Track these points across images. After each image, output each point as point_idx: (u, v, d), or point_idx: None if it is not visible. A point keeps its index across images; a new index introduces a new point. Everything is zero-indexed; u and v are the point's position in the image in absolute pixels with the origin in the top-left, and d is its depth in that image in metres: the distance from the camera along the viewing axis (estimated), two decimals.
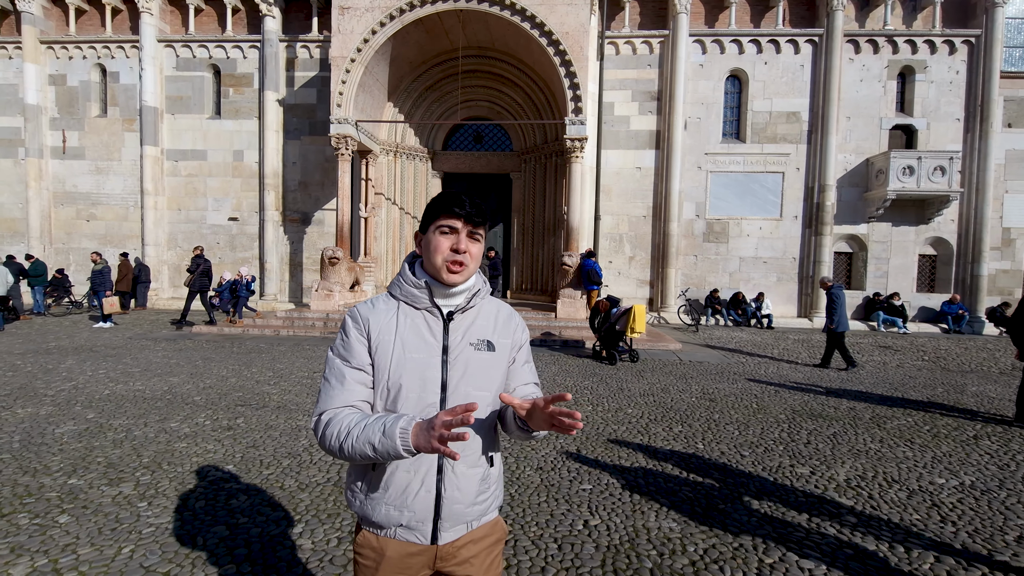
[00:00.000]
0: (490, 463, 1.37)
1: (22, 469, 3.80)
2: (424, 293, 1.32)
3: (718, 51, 14.25)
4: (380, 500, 1.27)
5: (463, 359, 1.31)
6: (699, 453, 4.45)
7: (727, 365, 8.63)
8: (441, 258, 1.29)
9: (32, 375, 6.76)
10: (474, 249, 1.32)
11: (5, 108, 15.29)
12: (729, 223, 14.36)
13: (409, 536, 1.27)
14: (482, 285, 1.40)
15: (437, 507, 1.27)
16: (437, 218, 1.31)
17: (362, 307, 1.36)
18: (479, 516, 1.34)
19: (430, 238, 1.31)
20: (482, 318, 1.38)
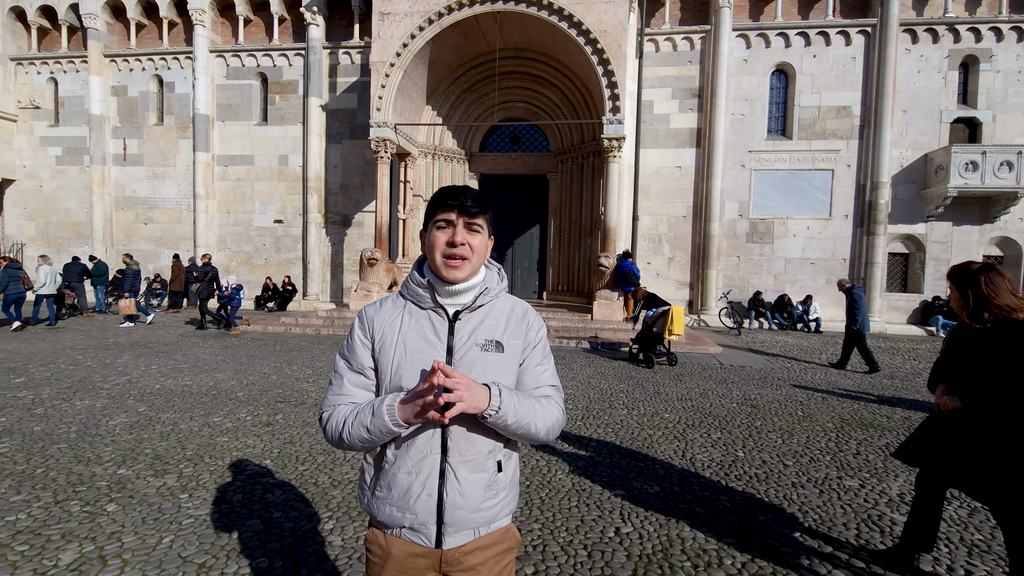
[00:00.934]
0: (498, 468, 1.30)
1: (77, 458, 4.00)
2: (427, 292, 1.29)
3: (763, 45, 13.78)
4: (385, 500, 1.27)
5: (468, 360, 1.26)
6: (739, 461, 4.27)
7: (771, 370, 8.30)
8: (439, 253, 1.26)
9: (91, 369, 7.16)
10: (474, 241, 1.27)
11: (72, 118, 16.32)
12: (774, 223, 13.85)
13: (414, 537, 1.26)
14: (494, 283, 1.35)
15: (439, 511, 1.24)
16: (435, 213, 1.28)
17: (369, 308, 1.35)
18: (487, 523, 1.29)
19: (429, 235, 1.29)
20: (492, 317, 1.32)
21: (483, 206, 1.28)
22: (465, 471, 1.25)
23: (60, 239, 16.57)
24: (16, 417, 4.98)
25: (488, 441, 1.28)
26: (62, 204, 16.57)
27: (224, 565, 2.65)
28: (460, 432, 1.24)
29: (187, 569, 2.60)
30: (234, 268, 15.86)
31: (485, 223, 1.29)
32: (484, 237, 1.30)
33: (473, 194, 1.27)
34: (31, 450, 4.15)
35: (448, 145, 14.77)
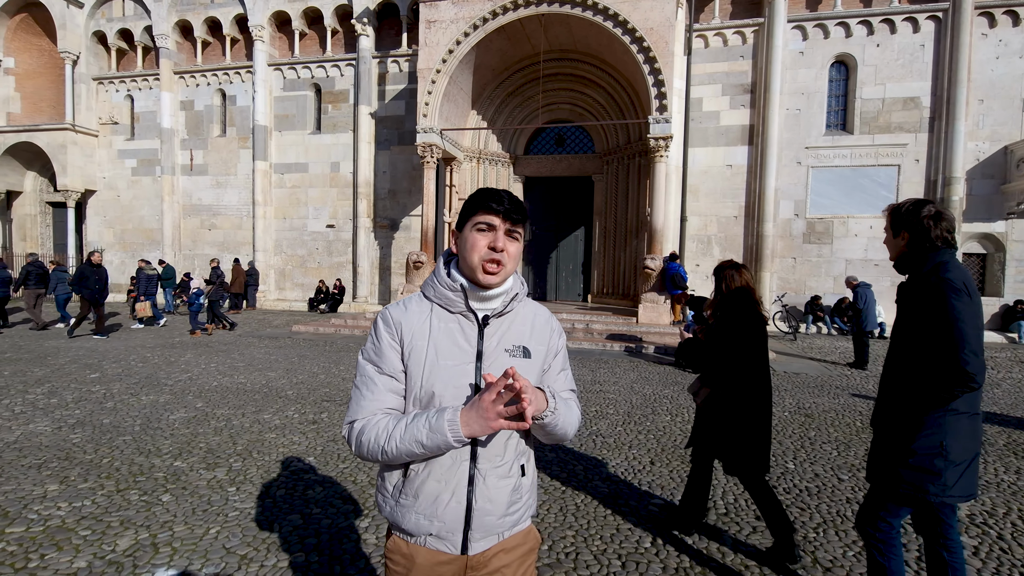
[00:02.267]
0: (522, 472, 1.31)
1: (139, 450, 4.26)
2: (459, 296, 1.26)
3: (821, 36, 13.12)
4: (410, 508, 1.24)
5: (497, 366, 1.24)
6: (789, 474, 4.06)
7: (828, 378, 7.86)
8: (478, 257, 1.23)
9: (157, 366, 7.63)
10: (512, 248, 1.25)
11: (146, 132, 17.52)
12: (833, 222, 13.13)
13: (439, 545, 1.24)
14: (519, 288, 1.33)
15: (468, 518, 1.23)
16: (474, 215, 1.24)
17: (394, 309, 1.31)
18: (511, 527, 1.29)
19: (467, 236, 1.25)
20: (519, 323, 1.32)
21: (524, 214, 1.27)
22: (494, 478, 1.25)
23: (135, 244, 17.80)
24: (89, 410, 5.37)
25: (515, 446, 1.29)
26: (137, 212, 17.81)
27: (264, 558, 2.74)
28: (491, 438, 1.24)
29: (230, 560, 2.72)
30: (289, 271, 16.57)
31: (524, 231, 1.28)
32: (520, 245, 1.28)
33: (516, 201, 1.26)
34: (100, 441, 4.45)
35: (493, 148, 14.87)
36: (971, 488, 2.02)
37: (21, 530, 2.96)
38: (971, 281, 2.01)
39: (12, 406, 5.43)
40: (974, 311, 1.94)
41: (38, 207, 18.96)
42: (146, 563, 2.67)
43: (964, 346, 1.90)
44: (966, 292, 1.94)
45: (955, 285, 1.94)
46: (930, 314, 1.98)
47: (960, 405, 1.97)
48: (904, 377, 2.08)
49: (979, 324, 1.96)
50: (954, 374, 1.90)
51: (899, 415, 2.08)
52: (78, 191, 17.44)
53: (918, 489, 2.00)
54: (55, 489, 3.50)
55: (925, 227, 2.06)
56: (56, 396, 5.86)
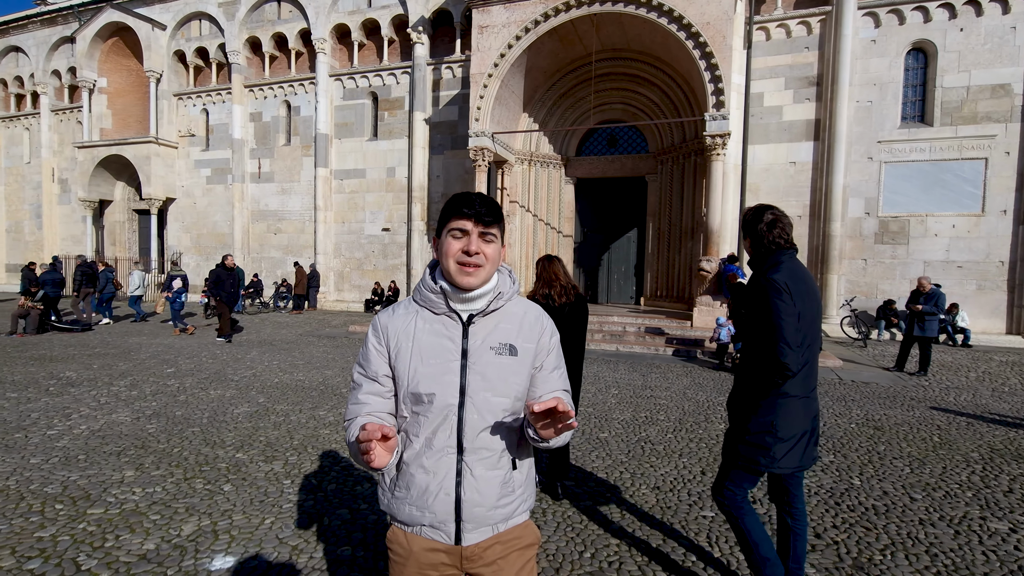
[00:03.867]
0: (513, 466, 1.34)
1: (205, 441, 4.53)
2: (440, 298, 1.30)
3: (895, 22, 12.26)
4: (404, 500, 1.29)
5: (482, 364, 1.28)
6: (854, 490, 3.80)
7: (901, 388, 7.31)
8: (453, 261, 1.27)
9: (225, 363, 8.11)
10: (488, 250, 1.28)
11: (219, 143, 18.70)
12: (910, 221, 12.22)
13: (434, 535, 1.29)
14: (507, 287, 1.35)
15: (458, 509, 1.27)
16: (448, 221, 1.29)
17: (382, 315, 1.38)
18: (504, 519, 1.32)
19: (443, 242, 1.30)
20: (506, 321, 1.34)
21: (497, 215, 1.29)
22: (481, 469, 1.28)
23: (209, 248, 19.02)
24: (164, 402, 5.77)
25: (502, 440, 1.31)
26: (211, 218, 19.03)
27: (313, 549, 2.85)
28: (475, 433, 1.27)
29: (282, 550, 2.83)
30: (347, 274, 17.19)
31: (499, 232, 1.31)
32: (498, 246, 1.31)
33: (488, 203, 1.28)
34: (172, 431, 4.77)
35: (544, 151, 14.85)
36: (800, 461, 2.28)
37: (100, 511, 3.21)
38: (799, 281, 2.23)
39: (98, 397, 5.92)
40: (793, 310, 2.17)
41: (126, 214, 20.63)
42: (207, 549, 2.83)
43: (780, 340, 2.15)
44: (787, 292, 2.18)
45: (777, 286, 2.19)
46: (759, 310, 2.24)
47: (791, 389, 2.23)
48: (748, 365, 2.34)
49: (811, 319, 2.23)
50: (773, 364, 2.17)
51: (742, 399, 2.36)
52: (160, 199, 18.83)
53: (751, 461, 2.29)
54: (131, 475, 3.78)
55: (760, 233, 2.35)
56: (136, 389, 6.34)
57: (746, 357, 2.38)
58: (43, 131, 21.19)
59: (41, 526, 3.03)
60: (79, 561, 2.69)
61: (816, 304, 2.30)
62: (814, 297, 2.29)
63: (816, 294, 2.32)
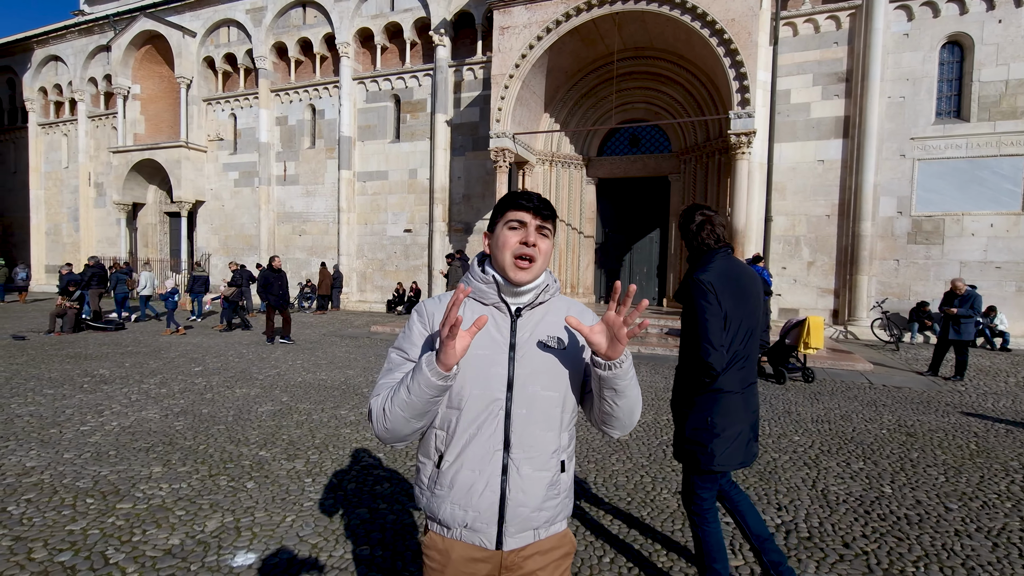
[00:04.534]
0: (561, 468, 1.30)
1: (230, 439, 4.62)
2: (492, 288, 1.28)
3: (929, 15, 11.87)
4: (445, 498, 1.25)
5: (530, 356, 1.26)
6: (885, 499, 3.67)
7: (936, 393, 7.06)
8: (509, 253, 1.25)
9: (251, 362, 8.26)
10: (543, 244, 1.27)
11: (246, 147, 19.10)
12: (944, 220, 11.81)
13: (474, 539, 1.24)
14: (551, 282, 1.33)
15: (502, 509, 1.23)
16: (505, 213, 1.28)
17: (429, 302, 1.35)
18: (546, 524, 1.28)
19: (498, 234, 1.29)
20: (552, 314, 1.32)
21: (554, 211, 1.30)
22: (528, 468, 1.25)
23: (236, 249, 19.45)
24: (191, 400, 5.90)
25: (552, 442, 1.28)
26: (238, 220, 19.45)
27: (332, 548, 2.87)
28: (523, 428, 1.24)
29: (302, 547, 2.86)
30: (370, 274, 17.38)
31: (553, 228, 1.30)
32: (551, 242, 1.30)
33: (544, 200, 1.29)
34: (198, 429, 4.88)
35: (565, 151, 14.79)
36: (742, 458, 2.26)
37: (128, 506, 3.30)
38: (730, 281, 2.24)
39: (129, 394, 6.09)
40: (718, 310, 2.18)
41: (157, 217, 21.23)
42: (229, 545, 2.88)
43: (704, 340, 2.18)
44: (712, 292, 2.19)
45: (702, 286, 2.22)
46: (688, 309, 2.29)
47: (727, 385, 2.24)
48: (684, 364, 2.35)
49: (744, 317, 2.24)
50: (698, 364, 2.20)
51: (681, 397, 2.37)
52: (190, 202, 19.33)
53: (692, 459, 2.28)
54: (159, 471, 3.87)
55: (691, 234, 2.41)
56: (166, 386, 6.50)
57: (682, 355, 2.40)
58: (80, 137, 21.96)
59: (72, 519, 3.12)
60: (107, 555, 2.76)
61: (752, 302, 2.31)
62: (748, 296, 2.30)
63: (753, 293, 2.33)
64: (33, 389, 6.21)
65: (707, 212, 2.41)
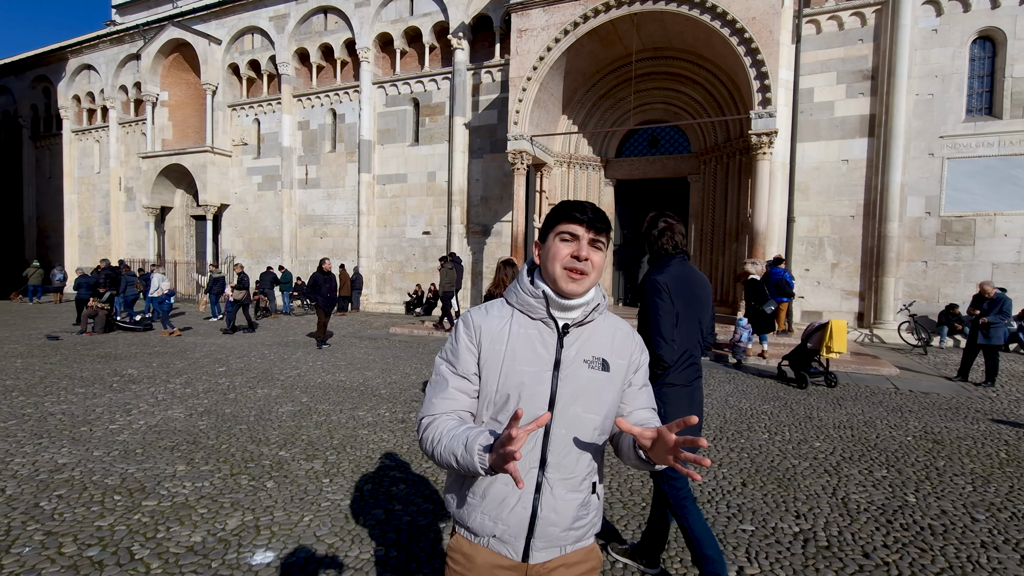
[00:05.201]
0: (592, 490, 1.30)
1: (252, 439, 4.72)
2: (541, 303, 1.25)
3: (959, 10, 11.54)
4: (476, 508, 1.25)
5: (575, 376, 1.23)
6: (908, 508, 3.59)
7: (965, 399, 6.85)
8: (560, 265, 1.22)
9: (272, 363, 8.42)
10: (596, 258, 1.24)
11: (269, 151, 19.48)
12: (975, 220, 11.45)
13: (501, 548, 1.24)
14: (601, 300, 1.30)
15: (531, 525, 1.23)
16: (558, 224, 1.25)
17: (475, 313, 1.32)
18: (574, 541, 1.28)
19: (550, 245, 1.25)
20: (599, 335, 1.29)
21: (608, 224, 1.26)
22: (562, 489, 1.24)
23: (260, 252, 19.83)
24: (215, 400, 6.04)
25: (587, 465, 1.28)
26: (261, 223, 19.84)
27: (348, 548, 2.92)
28: (561, 449, 1.23)
29: (318, 547, 2.92)
30: (389, 276, 17.56)
31: (607, 241, 1.27)
32: (604, 255, 1.27)
33: (599, 211, 1.26)
34: (221, 428, 5.00)
35: (584, 153, 14.75)
36: None
37: (153, 504, 3.40)
38: (684, 284, 2.48)
39: (156, 394, 6.26)
40: (671, 308, 2.40)
41: (184, 220, 21.77)
42: (248, 543, 2.95)
43: (656, 334, 2.40)
44: (666, 291, 2.42)
45: (658, 286, 2.43)
46: (643, 306, 2.52)
47: (674, 379, 2.45)
48: None
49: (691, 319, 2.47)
50: (652, 357, 2.34)
51: None
52: (215, 205, 19.78)
53: None
54: (183, 469, 3.98)
55: (652, 239, 2.64)
56: (191, 386, 6.67)
57: None
58: (111, 143, 22.65)
59: (101, 516, 3.22)
60: (133, 550, 2.85)
61: (701, 307, 2.54)
62: (698, 300, 2.54)
63: (701, 297, 2.56)
64: (66, 388, 6.43)
65: (669, 220, 2.62)
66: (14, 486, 3.62)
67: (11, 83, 25.51)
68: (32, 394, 6.12)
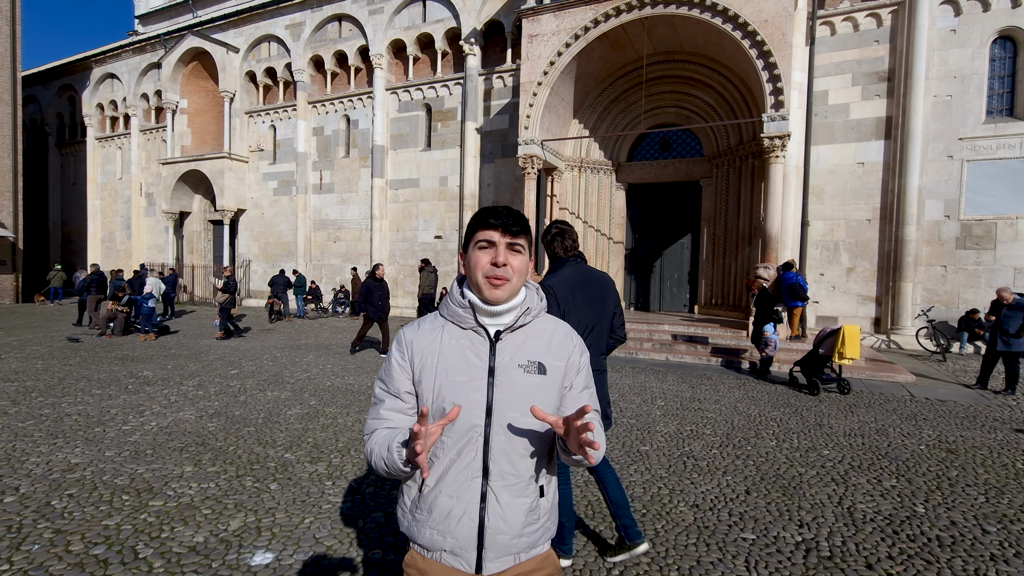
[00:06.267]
0: (540, 493, 1.29)
1: (258, 441, 4.79)
2: (468, 313, 1.27)
3: (979, 9, 11.32)
4: (425, 523, 1.25)
5: (510, 382, 1.24)
6: (917, 518, 3.51)
7: (983, 407, 6.69)
8: (480, 273, 1.24)
9: (283, 365, 8.53)
10: (515, 262, 1.25)
11: (284, 157, 19.77)
12: (996, 224, 11.19)
13: (453, 562, 1.24)
14: (535, 303, 1.31)
15: (481, 536, 1.22)
16: (475, 232, 1.27)
17: (407, 330, 1.35)
18: (527, 548, 1.27)
19: (470, 255, 1.28)
20: (534, 338, 1.30)
21: (524, 226, 1.27)
22: (507, 495, 1.24)
23: (275, 256, 20.12)
24: (225, 402, 6.14)
25: (531, 469, 1.27)
26: (277, 227, 20.12)
27: (347, 550, 2.94)
28: (502, 455, 1.23)
29: (317, 549, 2.95)
30: (401, 280, 17.68)
31: (526, 243, 1.28)
32: (525, 258, 1.28)
33: (514, 214, 1.26)
34: (229, 430, 5.08)
35: (595, 157, 14.73)
36: None
37: (160, 504, 3.47)
38: (576, 287, 2.62)
39: (169, 395, 6.39)
40: (556, 311, 2.47)
41: (202, 224, 22.17)
42: (250, 544, 2.99)
43: None
44: (552, 295, 2.53)
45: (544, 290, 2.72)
46: None
47: None
48: None
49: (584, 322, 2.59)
50: None
51: None
52: (232, 210, 20.12)
53: None
54: (190, 470, 4.05)
55: (546, 243, 2.81)
56: (203, 389, 6.79)
57: None
58: (133, 149, 23.19)
59: (108, 515, 3.30)
60: (137, 549, 2.91)
61: (594, 310, 2.66)
62: (594, 298, 2.68)
63: (598, 296, 2.70)
64: (83, 389, 6.59)
65: (561, 227, 2.81)
66: (27, 485, 3.72)
67: (38, 92, 26.27)
68: (51, 395, 6.28)
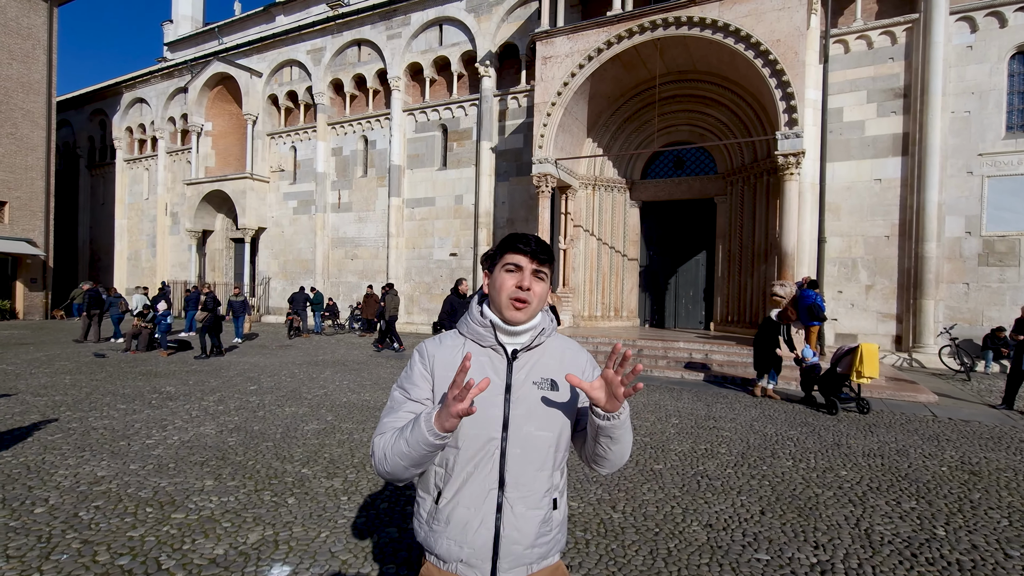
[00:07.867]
0: (553, 506, 1.35)
1: (277, 456, 4.88)
2: (489, 331, 1.35)
3: (995, 25, 11.28)
4: (442, 534, 1.31)
5: (525, 398, 1.31)
6: (936, 541, 3.45)
7: (1009, 428, 6.53)
8: (505, 296, 1.31)
9: (301, 381, 8.66)
10: (538, 288, 1.33)
11: (305, 177, 20.25)
12: (1020, 240, 10.99)
13: (468, 573, 1.30)
14: (547, 324, 1.39)
15: (496, 546, 1.28)
16: (504, 255, 1.35)
17: (429, 343, 1.43)
18: (539, 559, 1.33)
19: (496, 276, 1.35)
20: (547, 356, 1.37)
21: (550, 256, 1.36)
22: (522, 507, 1.30)
23: (294, 273, 20.49)
24: (245, 417, 6.27)
25: (546, 481, 1.33)
26: (296, 245, 20.53)
27: (361, 565, 2.99)
28: (518, 468, 1.29)
29: (332, 563, 3.01)
30: (416, 297, 17.86)
31: (549, 272, 1.36)
32: (547, 285, 1.36)
33: (542, 243, 1.35)
34: (248, 445, 5.18)
35: (608, 175, 14.84)
36: None
37: (181, 516, 3.56)
38: None
39: (190, 410, 6.53)
40: None
41: (224, 243, 22.71)
42: (267, 557, 3.06)
43: None
44: None
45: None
46: None
47: None
48: None
49: None
50: None
51: None
52: (253, 229, 20.61)
53: None
54: (210, 484, 4.14)
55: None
56: (223, 404, 6.93)
57: None
58: (159, 171, 23.95)
59: (133, 526, 3.40)
60: (160, 561, 3.00)
61: None
62: None
63: None
64: (108, 404, 6.78)
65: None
66: (56, 496, 3.84)
67: (71, 116, 27.36)
68: (78, 409, 6.47)
